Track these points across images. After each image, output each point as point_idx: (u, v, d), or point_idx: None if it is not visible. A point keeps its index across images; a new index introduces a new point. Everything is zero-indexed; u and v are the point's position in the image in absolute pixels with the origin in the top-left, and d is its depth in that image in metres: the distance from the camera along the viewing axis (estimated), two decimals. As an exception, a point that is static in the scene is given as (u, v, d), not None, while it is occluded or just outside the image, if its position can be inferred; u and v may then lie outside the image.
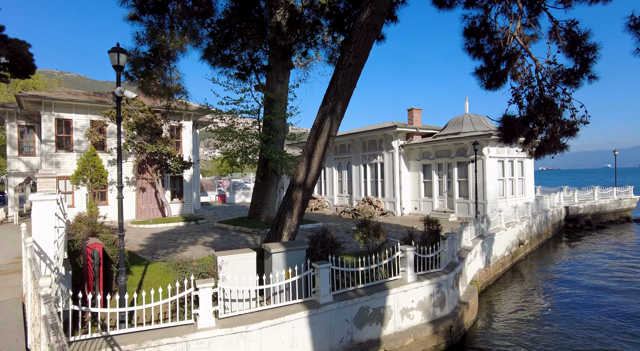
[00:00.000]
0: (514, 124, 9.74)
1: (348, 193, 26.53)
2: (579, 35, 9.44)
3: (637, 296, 11.84)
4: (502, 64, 10.31)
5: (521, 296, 12.14)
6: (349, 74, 9.37)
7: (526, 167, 22.72)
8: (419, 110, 25.63)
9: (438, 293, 8.26)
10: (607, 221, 25.54)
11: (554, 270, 15.22)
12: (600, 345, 8.64)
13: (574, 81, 9.52)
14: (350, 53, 9.23)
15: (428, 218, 11.07)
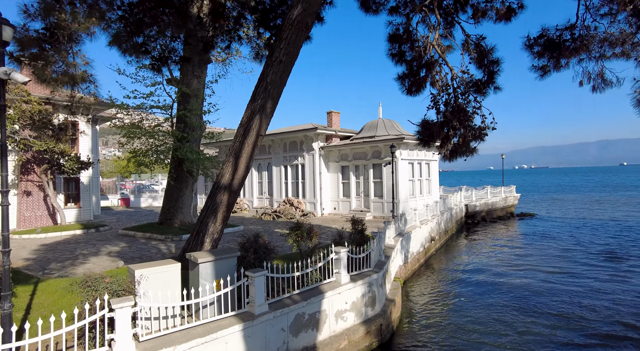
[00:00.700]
0: (432, 128, 10.36)
1: (268, 195, 26.00)
2: (486, 49, 10.42)
3: (522, 278, 13.57)
4: (422, 71, 10.92)
5: (436, 288, 13.04)
6: (279, 71, 9.00)
7: (432, 169, 24.73)
8: (338, 113, 26.26)
9: (369, 292, 8.35)
10: (497, 216, 29.21)
11: (460, 262, 16.74)
12: (505, 324, 9.62)
13: (483, 90, 10.46)
14: (281, 50, 8.88)
15: (354, 217, 11.21)
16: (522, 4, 10.12)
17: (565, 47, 9.48)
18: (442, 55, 10.50)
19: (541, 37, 9.74)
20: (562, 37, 9.53)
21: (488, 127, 10.14)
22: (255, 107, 9.17)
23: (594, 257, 17.11)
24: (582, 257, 17.17)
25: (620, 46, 8.95)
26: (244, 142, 9.22)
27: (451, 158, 11.11)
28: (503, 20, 10.35)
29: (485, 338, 9.05)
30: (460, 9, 10.76)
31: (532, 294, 12.15)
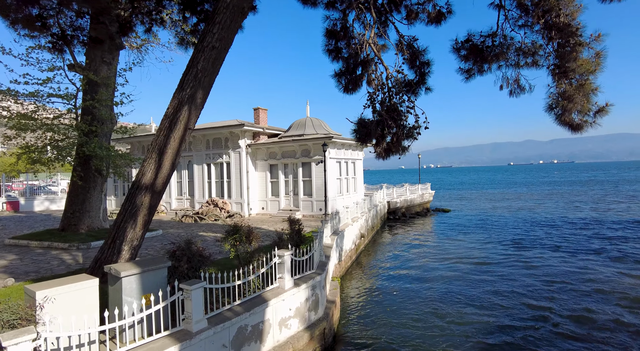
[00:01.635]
0: (369, 127, 10.38)
1: (189, 195, 24.21)
2: (418, 50, 10.75)
3: (445, 269, 14.48)
4: (358, 69, 10.89)
5: (368, 285, 13.22)
6: (211, 58, 8.15)
7: (357, 168, 25.37)
8: (265, 110, 25.52)
9: (312, 296, 7.99)
10: (415, 212, 31.12)
11: (388, 257, 17.32)
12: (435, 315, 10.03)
13: (415, 90, 10.77)
14: (214, 35, 8.05)
15: (290, 217, 10.77)
16: (450, 10, 10.63)
17: (488, 53, 10.19)
18: (378, 54, 10.57)
19: (467, 41, 10.33)
20: (485, 44, 10.23)
21: (420, 127, 10.49)
22: (184, 97, 8.20)
23: (505, 247, 19.02)
24: (494, 247, 18.98)
25: (531, 56, 9.90)
26: (170, 136, 8.20)
27: (385, 156, 11.27)
28: (434, 23, 10.76)
29: (419, 330, 9.31)
30: (394, 8, 10.96)
31: (455, 284, 12.95)
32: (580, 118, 9.13)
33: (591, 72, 8.73)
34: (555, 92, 9.22)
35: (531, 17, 9.47)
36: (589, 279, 13.03)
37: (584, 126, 9.13)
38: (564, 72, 8.95)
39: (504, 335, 9.01)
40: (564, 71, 8.93)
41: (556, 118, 9.45)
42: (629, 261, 15.33)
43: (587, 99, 8.99)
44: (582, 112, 9.09)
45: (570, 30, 8.50)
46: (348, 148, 23.53)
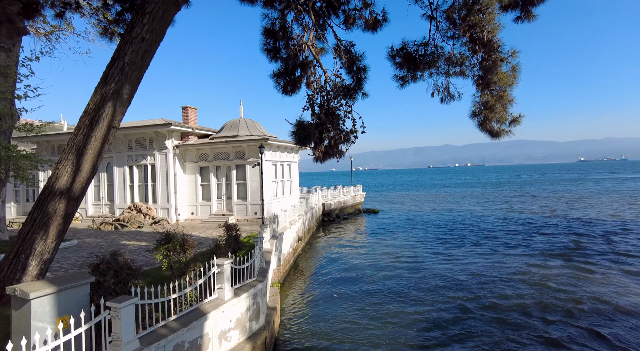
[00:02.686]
0: (308, 129, 10.31)
1: (108, 201, 22.04)
2: (355, 56, 10.96)
3: (380, 269, 14.99)
4: (297, 70, 10.77)
5: (308, 288, 13.13)
6: (141, 50, 7.41)
7: (293, 170, 25.28)
8: (194, 109, 24.25)
9: (254, 305, 7.64)
10: (348, 213, 31.89)
11: (324, 259, 17.42)
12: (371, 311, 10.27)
13: (352, 95, 10.95)
14: (144, 25, 7.33)
15: (227, 223, 10.29)
16: (386, 18, 10.99)
17: (420, 61, 10.74)
18: (317, 57, 10.56)
19: (402, 49, 10.79)
20: (418, 52, 10.77)
21: (357, 131, 10.68)
22: (108, 92, 7.35)
23: (431, 245, 20.24)
24: (422, 245, 20.11)
25: (459, 66, 10.65)
26: (91, 136, 7.30)
27: (324, 159, 11.27)
28: (371, 29, 11.05)
29: (359, 330, 9.43)
30: (332, 12, 11.04)
31: (389, 282, 13.42)
32: (499, 126, 10.03)
33: (509, 84, 9.62)
34: (479, 101, 10.02)
35: (458, 30, 10.18)
36: (506, 272, 14.37)
37: (502, 134, 10.03)
38: (486, 83, 9.74)
39: (438, 328, 9.51)
40: (487, 82, 9.72)
41: (479, 125, 10.26)
42: (536, 253, 17.25)
43: (505, 109, 9.90)
44: (500, 121, 9.98)
45: (492, 45, 9.28)
46: (284, 150, 23.32)
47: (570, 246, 18.52)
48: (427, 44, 10.69)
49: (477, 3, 8.95)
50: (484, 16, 9.45)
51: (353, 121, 10.53)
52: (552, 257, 16.37)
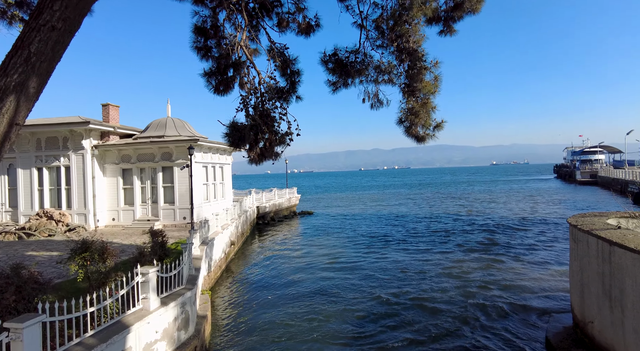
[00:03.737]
0: (243, 131, 10.12)
1: (11, 207, 19.47)
2: (289, 59, 11.01)
3: (314, 270, 15.20)
4: (230, 70, 10.51)
5: (241, 293, 12.84)
6: (51, 40, 6.56)
7: (225, 173, 24.57)
8: (116, 107, 22.46)
9: (182, 313, 7.27)
10: (283, 216, 31.81)
11: (258, 263, 17.18)
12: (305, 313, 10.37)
13: (287, 97, 10.98)
14: (55, 12, 6.49)
15: (152, 229, 9.69)
16: (319, 23, 11.17)
17: (351, 67, 11.12)
18: (250, 57, 10.39)
19: (334, 55, 11.07)
20: (349, 59, 11.13)
21: (293, 133, 10.73)
22: (9, 84, 6.39)
23: (363, 243, 20.96)
24: (355, 244, 20.74)
25: (388, 74, 11.23)
26: (-12, 133, 6.39)
27: (259, 162, 11.11)
28: (304, 34, 11.15)
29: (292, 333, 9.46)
30: (266, 14, 10.96)
31: (323, 283, 13.65)
32: (424, 131, 10.74)
33: (432, 93, 10.35)
34: (405, 108, 10.64)
35: (387, 39, 10.74)
36: (429, 266, 15.41)
37: (426, 138, 10.74)
38: (412, 91, 10.39)
39: (371, 322, 9.88)
40: (412, 89, 10.37)
41: (405, 130, 10.89)
42: (456, 248, 18.75)
43: (429, 115, 10.64)
44: (425, 126, 10.70)
45: (417, 55, 9.93)
46: (216, 152, 22.56)
47: (485, 241, 20.43)
48: (357, 51, 11.10)
49: (404, 14, 9.52)
50: (410, 27, 10.08)
51: (288, 124, 10.53)
52: (469, 251, 17.93)
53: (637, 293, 5.09)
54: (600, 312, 6.32)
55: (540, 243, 19.48)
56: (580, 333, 7.33)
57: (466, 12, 9.73)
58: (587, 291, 6.90)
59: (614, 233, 6.06)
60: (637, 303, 5.10)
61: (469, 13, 9.78)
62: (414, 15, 8.96)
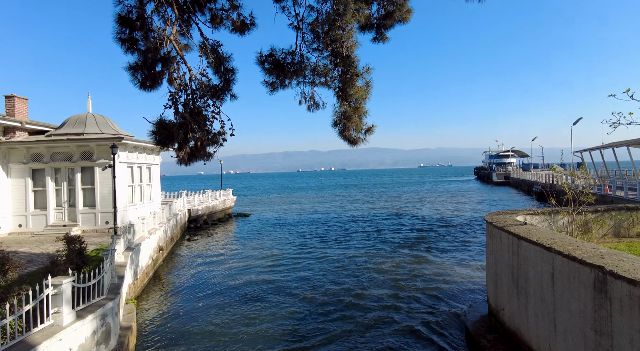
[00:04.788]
0: (172, 129, 9.61)
1: None
2: (223, 56, 10.70)
3: (249, 273, 14.94)
4: (158, 65, 9.91)
5: (170, 301, 12.16)
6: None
7: (153, 174, 23.14)
8: (24, 100, 20.01)
9: (103, 326, 6.69)
10: (217, 219, 30.72)
11: (189, 268, 16.41)
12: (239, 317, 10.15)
13: (220, 96, 10.65)
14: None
15: (68, 235, 8.81)
16: (254, 22, 10.99)
17: (288, 69, 11.11)
18: (180, 53, 9.92)
19: (270, 56, 10.97)
20: (286, 60, 11.11)
21: (226, 133, 10.43)
22: None
23: (300, 244, 21.01)
24: (291, 246, 20.72)
25: (324, 77, 11.40)
26: None
27: (189, 162, 10.62)
28: (238, 32, 10.90)
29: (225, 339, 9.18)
30: (198, 9, 10.53)
31: (259, 286, 13.46)
32: (356, 135, 11.09)
33: (364, 98, 10.73)
34: (339, 112, 10.90)
35: (322, 43, 10.91)
36: (362, 263, 15.94)
37: (358, 141, 11.10)
38: (345, 95, 10.67)
39: (305, 322, 9.94)
40: (345, 94, 10.66)
41: (339, 133, 11.15)
42: (388, 246, 19.63)
43: (361, 119, 11.01)
44: (357, 130, 11.05)
45: (350, 60, 10.23)
46: (142, 151, 21.14)
47: (413, 239, 21.66)
48: (294, 53, 11.12)
49: (338, 20, 9.75)
50: (344, 33, 10.36)
51: (221, 123, 10.22)
52: (399, 248, 18.88)
53: (538, 281, 5.74)
54: (509, 300, 7.02)
55: (463, 239, 21.16)
56: (494, 320, 8.08)
57: (396, 20, 10.18)
58: (500, 281, 7.62)
59: (521, 229, 6.78)
60: (537, 290, 5.76)
61: (399, 22, 10.24)
62: (348, 21, 9.21)
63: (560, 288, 5.07)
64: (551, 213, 8.80)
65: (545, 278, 5.51)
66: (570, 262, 4.78)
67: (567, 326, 4.93)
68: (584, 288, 4.50)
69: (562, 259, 4.99)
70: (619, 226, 9.27)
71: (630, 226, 9.31)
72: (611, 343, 4.05)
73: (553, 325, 5.29)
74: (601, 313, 4.19)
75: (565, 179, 16.66)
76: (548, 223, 8.81)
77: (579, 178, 9.19)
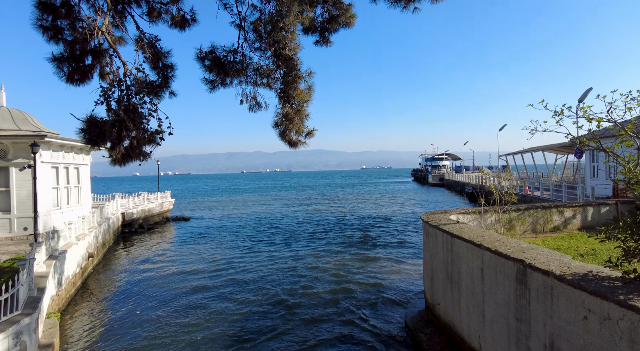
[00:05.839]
0: (104, 127, 8.92)
1: None
2: (161, 51, 10.17)
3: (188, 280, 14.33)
4: (88, 57, 9.16)
5: (101, 313, 11.27)
6: None
7: (82, 175, 21.36)
8: None
9: (16, 345, 6.00)
10: (154, 222, 29.04)
11: (123, 276, 15.34)
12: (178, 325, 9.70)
13: (158, 93, 10.12)
14: None
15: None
16: (194, 18, 10.59)
17: (229, 67, 10.83)
18: (114, 46, 9.27)
19: (211, 52, 10.62)
20: (227, 58, 10.82)
21: (164, 132, 9.92)
22: None
23: (243, 248, 20.55)
24: (233, 250, 20.19)
25: (266, 78, 11.28)
26: None
27: (123, 162, 9.95)
28: (178, 27, 10.42)
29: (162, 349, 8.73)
30: (134, 1, 9.89)
31: (199, 293, 12.95)
32: (296, 137, 11.11)
33: (306, 101, 10.78)
34: (281, 113, 10.85)
35: (264, 43, 10.80)
36: (307, 264, 16.00)
37: (299, 144, 11.12)
38: (287, 97, 10.65)
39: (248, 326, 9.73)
40: (287, 96, 10.63)
41: (279, 135, 11.07)
42: (332, 247, 19.91)
43: (302, 122, 11.05)
44: (298, 132, 11.07)
45: (293, 62, 10.23)
46: (70, 151, 19.39)
47: (356, 238, 22.20)
48: (236, 51, 10.88)
49: (281, 21, 9.71)
50: (287, 34, 10.34)
51: (159, 121, 9.70)
52: (343, 247, 19.24)
53: (469, 276, 6.17)
54: (444, 294, 7.47)
55: (403, 237, 22.11)
56: (430, 314, 8.53)
57: (341, 25, 10.34)
58: (435, 277, 8.08)
59: (454, 227, 7.24)
60: (469, 284, 6.19)
61: (344, 26, 10.42)
62: (291, 23, 9.23)
63: (489, 282, 5.49)
64: (481, 212, 9.51)
65: (475, 273, 5.93)
66: (497, 257, 5.20)
67: (494, 316, 5.36)
68: (508, 281, 4.92)
69: (490, 255, 5.41)
70: (536, 223, 10.28)
71: (545, 223, 10.36)
72: (529, 328, 4.47)
73: (482, 316, 5.71)
74: (522, 302, 4.61)
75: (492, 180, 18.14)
76: (478, 221, 9.52)
77: (504, 180, 10.03)
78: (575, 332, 3.69)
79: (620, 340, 3.16)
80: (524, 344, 4.60)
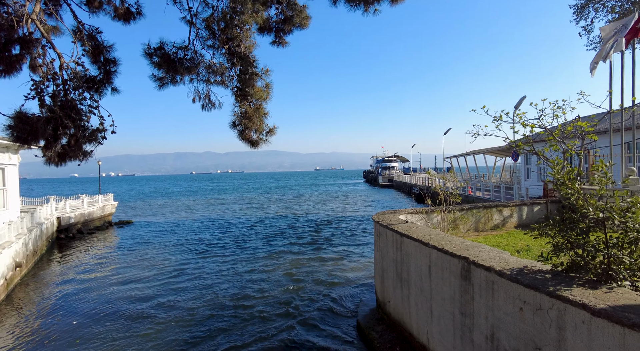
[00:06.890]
0: (35, 124, 8.18)
1: None
2: (103, 45, 9.54)
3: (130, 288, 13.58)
4: (16, 47, 8.34)
5: (29, 326, 10.30)
6: None
7: (9, 176, 19.45)
8: None
9: None
10: (94, 227, 27.10)
11: (58, 286, 14.15)
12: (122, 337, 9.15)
13: (99, 89, 9.48)
14: None
15: None
16: (140, 11, 10.02)
17: (180, 64, 10.40)
18: (47, 36, 8.54)
19: (160, 49, 10.13)
20: (177, 55, 10.39)
21: (106, 130, 9.32)
22: None
23: (188, 252, 19.79)
24: (179, 253, 19.39)
25: (220, 76, 10.97)
26: None
27: (60, 162, 9.21)
28: (122, 20, 9.84)
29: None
30: (71, -11, 9.16)
31: (145, 301, 12.29)
32: (257, 136, 10.96)
33: (264, 99, 10.66)
34: (239, 112, 10.63)
35: (218, 41, 10.52)
36: (260, 266, 15.78)
37: (260, 143, 10.99)
38: (244, 95, 10.46)
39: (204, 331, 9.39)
40: (245, 94, 10.45)
41: (239, 134, 10.86)
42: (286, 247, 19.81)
43: (262, 121, 10.92)
44: (258, 131, 10.93)
45: (249, 60, 10.06)
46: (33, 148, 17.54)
47: (309, 239, 22.27)
48: (187, 48, 10.49)
49: (235, 18, 9.51)
50: (242, 32, 10.16)
51: (101, 119, 9.10)
52: (297, 248, 19.21)
53: (417, 274, 6.43)
54: (394, 292, 7.71)
55: (355, 237, 22.55)
56: (381, 312, 8.76)
57: (295, 26, 10.34)
58: (386, 275, 8.31)
59: (403, 226, 7.50)
60: (417, 281, 6.44)
61: (299, 27, 10.42)
62: (245, 20, 9.09)
63: (436, 279, 5.75)
64: (428, 212, 9.95)
65: (423, 270, 6.19)
66: (443, 255, 5.46)
67: (440, 312, 5.62)
68: (454, 277, 5.18)
69: (437, 253, 5.66)
70: (478, 221, 10.95)
71: (486, 222, 11.07)
72: (473, 322, 4.74)
73: (430, 311, 5.97)
74: (466, 297, 4.88)
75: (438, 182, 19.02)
76: (425, 220, 9.94)
77: (449, 181, 10.57)
78: (512, 323, 3.97)
79: (550, 327, 3.44)
80: (467, 337, 4.86)
